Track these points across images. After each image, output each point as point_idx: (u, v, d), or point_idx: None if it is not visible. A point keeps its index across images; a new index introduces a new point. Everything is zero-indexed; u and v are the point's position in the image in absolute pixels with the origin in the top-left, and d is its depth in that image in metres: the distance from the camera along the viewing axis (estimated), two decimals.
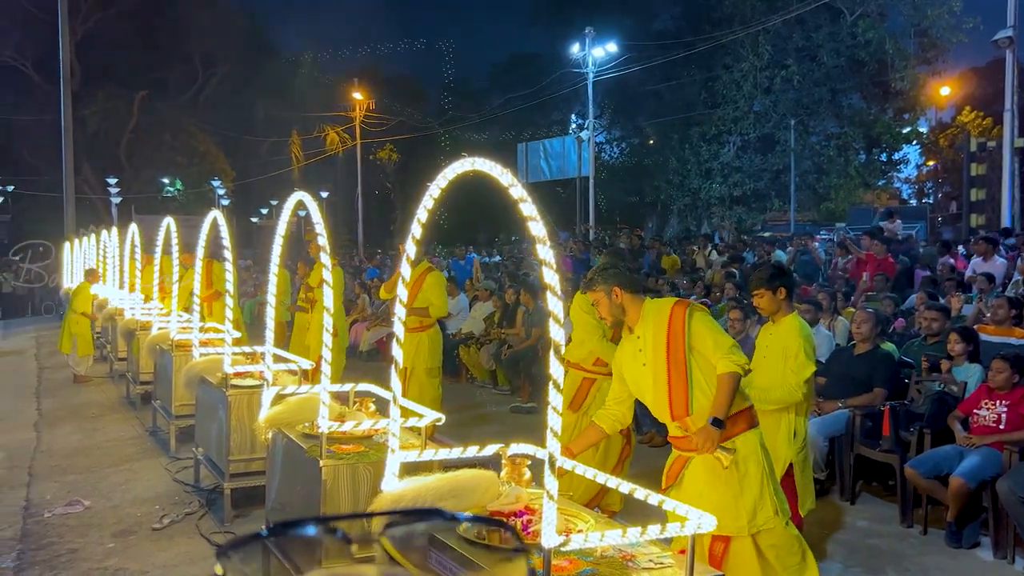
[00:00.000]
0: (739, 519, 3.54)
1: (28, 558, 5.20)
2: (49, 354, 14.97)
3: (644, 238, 23.14)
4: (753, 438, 3.59)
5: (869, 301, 8.57)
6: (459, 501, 2.96)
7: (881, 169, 31.07)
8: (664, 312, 3.59)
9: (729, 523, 3.53)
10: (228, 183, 38.16)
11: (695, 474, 3.60)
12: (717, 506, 3.51)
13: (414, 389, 7.20)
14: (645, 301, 3.70)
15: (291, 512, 4.35)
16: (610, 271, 3.74)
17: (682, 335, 3.52)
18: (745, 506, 3.53)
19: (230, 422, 5.58)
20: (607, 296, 3.68)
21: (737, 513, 3.53)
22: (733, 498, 3.53)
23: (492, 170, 2.54)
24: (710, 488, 3.54)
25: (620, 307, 3.67)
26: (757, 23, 26.93)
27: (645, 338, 3.62)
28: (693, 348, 3.53)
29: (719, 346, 3.49)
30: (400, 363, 3.25)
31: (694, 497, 3.56)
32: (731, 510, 3.52)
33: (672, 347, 3.53)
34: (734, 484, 3.52)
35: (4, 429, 9.04)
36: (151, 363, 8.72)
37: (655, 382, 3.59)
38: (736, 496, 3.53)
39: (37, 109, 34.14)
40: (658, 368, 3.56)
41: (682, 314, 3.54)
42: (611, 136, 38.77)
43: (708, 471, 3.55)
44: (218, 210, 6.84)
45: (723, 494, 3.52)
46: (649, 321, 3.62)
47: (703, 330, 3.53)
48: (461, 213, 34.32)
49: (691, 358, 3.54)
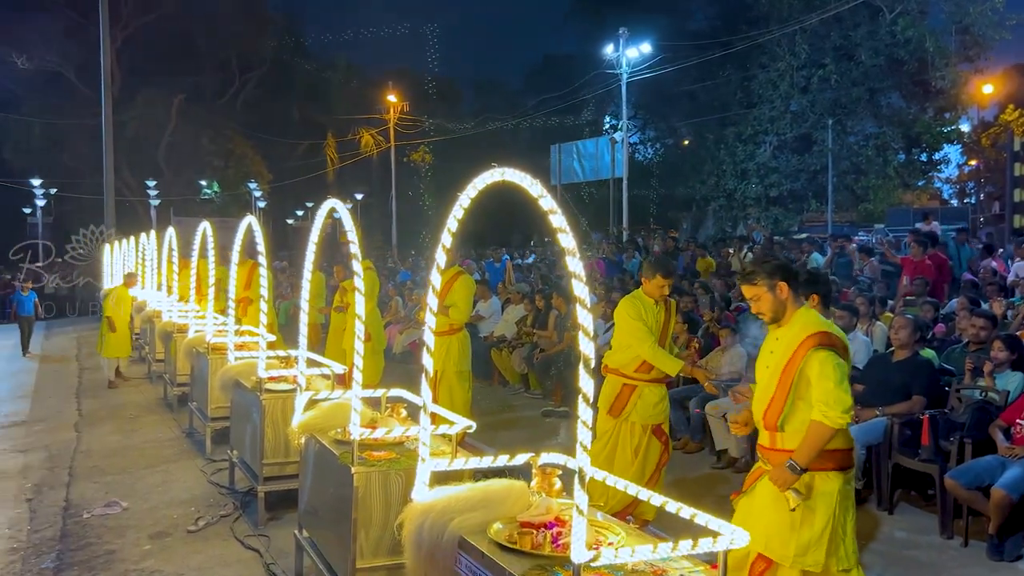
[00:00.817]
0: (786, 547, 3.49)
1: (67, 559, 5.30)
2: (89, 355, 15.25)
3: (678, 240, 22.98)
4: (834, 481, 3.50)
5: (908, 306, 8.41)
6: (490, 512, 2.95)
7: (921, 169, 30.55)
8: (804, 332, 3.51)
9: (776, 547, 3.51)
10: (264, 185, 38.58)
11: (765, 489, 3.60)
12: (772, 526, 3.52)
13: (444, 392, 7.21)
14: (800, 309, 3.61)
15: (323, 517, 4.37)
16: (774, 264, 3.60)
17: (797, 363, 3.47)
18: (798, 539, 3.47)
19: (264, 426, 5.63)
20: (770, 291, 3.55)
21: (787, 541, 3.49)
22: (789, 526, 3.48)
23: (522, 181, 2.52)
24: (772, 508, 3.53)
25: (783, 304, 3.56)
26: (794, 22, 26.62)
27: (780, 343, 3.58)
28: (805, 377, 3.48)
29: (823, 394, 3.40)
30: (429, 371, 3.24)
31: (756, 510, 3.61)
32: (783, 536, 3.49)
33: (790, 367, 3.50)
34: (795, 514, 3.47)
35: (46, 429, 9.23)
36: (188, 365, 8.84)
37: (766, 386, 3.59)
38: (793, 526, 3.48)
39: (79, 114, 34.83)
40: (774, 375, 3.56)
41: (809, 347, 3.46)
42: (645, 136, 38.58)
43: (775, 491, 3.53)
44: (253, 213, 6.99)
45: (781, 518, 3.49)
46: (792, 330, 3.56)
47: (815, 374, 3.44)
48: (494, 214, 34.37)
49: (797, 385, 3.49)
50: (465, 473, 3.66)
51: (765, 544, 3.53)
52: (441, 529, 2.92)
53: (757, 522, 3.56)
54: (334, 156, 43.05)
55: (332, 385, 5.65)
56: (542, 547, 2.69)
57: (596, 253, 17.97)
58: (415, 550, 2.99)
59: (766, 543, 3.53)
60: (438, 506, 3.00)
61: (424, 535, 2.96)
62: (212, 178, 37.92)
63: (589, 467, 2.36)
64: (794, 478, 3.41)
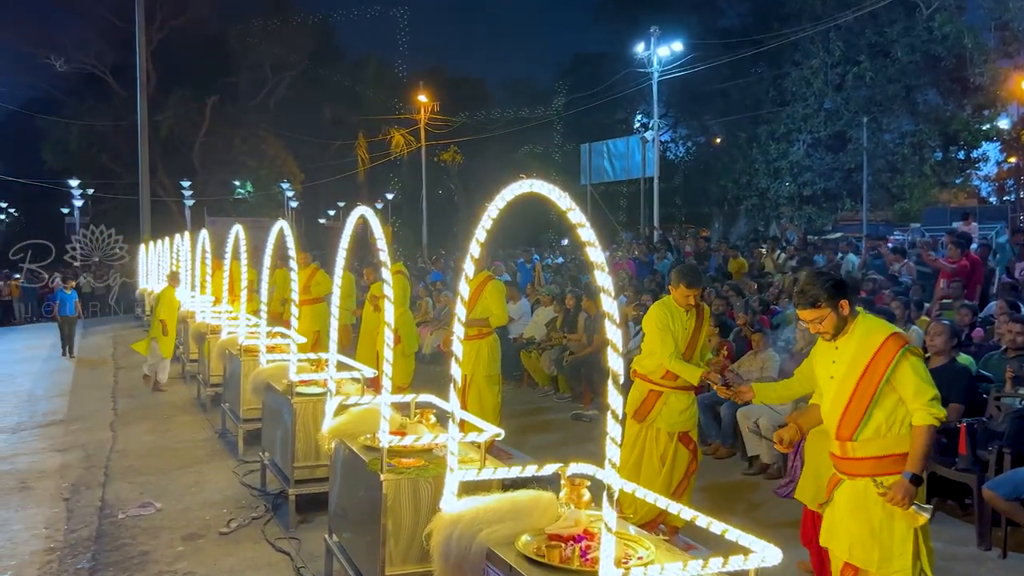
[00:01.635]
0: (870, 552, 3.48)
1: (103, 559, 5.37)
2: (124, 354, 15.48)
3: (710, 239, 22.80)
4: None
5: (944, 311, 8.26)
6: (518, 523, 2.93)
7: (958, 167, 30.00)
8: (875, 338, 3.48)
9: (860, 553, 3.51)
10: (296, 185, 38.94)
11: (844, 496, 3.60)
12: (853, 534, 3.53)
13: (473, 397, 7.21)
14: (859, 315, 3.59)
15: (353, 522, 4.39)
16: (832, 282, 3.55)
17: (884, 369, 3.43)
18: (881, 543, 3.46)
19: (295, 429, 5.67)
20: (834, 311, 3.53)
21: (870, 548, 3.48)
22: (871, 532, 3.48)
23: (551, 193, 2.51)
24: (852, 515, 3.54)
25: (845, 320, 3.55)
26: (828, 19, 26.27)
27: (844, 352, 3.55)
28: (890, 383, 3.45)
29: (920, 394, 3.39)
30: (458, 381, 3.22)
31: (838, 518, 3.61)
32: (866, 542, 3.49)
33: (868, 374, 3.46)
34: (875, 519, 3.47)
35: (83, 428, 9.38)
36: (221, 366, 8.93)
37: (836, 397, 3.56)
38: (874, 531, 3.47)
39: (115, 115, 35.46)
40: (845, 386, 3.52)
41: (894, 351, 3.43)
42: (676, 135, 38.32)
43: (855, 498, 3.54)
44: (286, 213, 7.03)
45: (862, 524, 3.50)
46: (855, 338, 3.53)
47: (911, 375, 3.42)
48: (525, 214, 34.37)
49: (881, 393, 3.46)
50: (493, 482, 3.65)
51: (849, 552, 3.56)
52: (469, 540, 2.91)
53: (840, 530, 3.60)
54: (365, 156, 43.33)
55: (362, 389, 5.67)
56: (570, 561, 2.68)
57: (626, 254, 17.88)
58: (443, 561, 2.99)
59: (850, 550, 3.55)
60: (466, 517, 2.99)
61: (452, 546, 2.96)
62: (245, 178, 38.36)
63: (618, 481, 2.34)
64: (915, 489, 3.39)
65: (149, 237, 22.75)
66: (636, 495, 3.14)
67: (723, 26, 33.21)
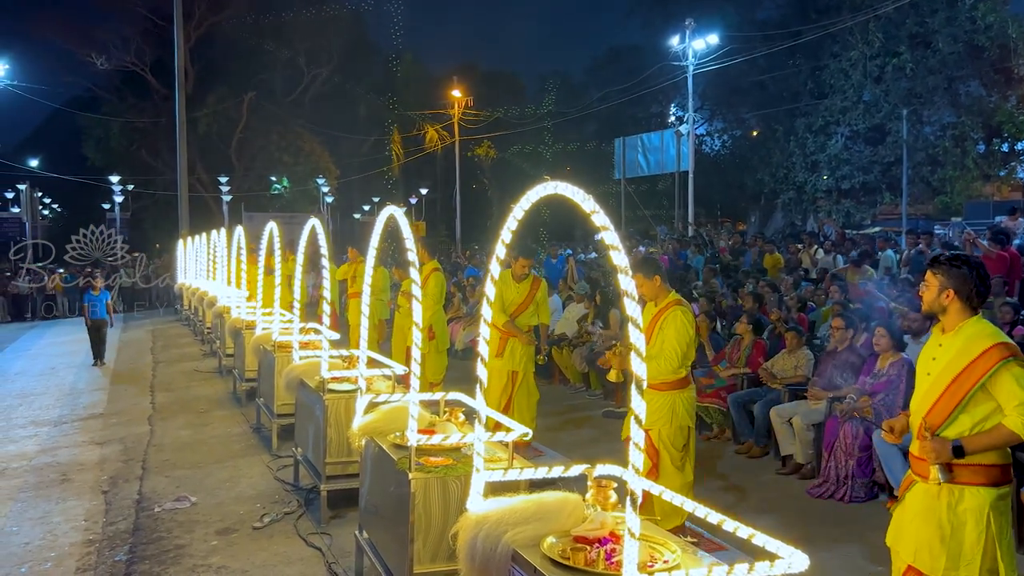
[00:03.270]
0: (937, 560, 3.41)
1: (139, 552, 5.47)
2: (162, 348, 15.74)
3: (745, 234, 22.57)
4: (985, 496, 3.37)
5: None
6: (543, 525, 2.93)
7: (1002, 160, 29.35)
8: (981, 343, 3.40)
9: (926, 559, 3.44)
10: (332, 181, 39.25)
11: (914, 498, 3.54)
12: (921, 538, 3.46)
13: (522, 395, 7.27)
14: (972, 319, 3.49)
15: (382, 520, 4.42)
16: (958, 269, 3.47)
17: (982, 374, 3.35)
18: (950, 551, 3.38)
19: (327, 426, 5.72)
20: (938, 290, 3.48)
21: (937, 554, 3.41)
22: (940, 538, 3.40)
23: (575, 195, 2.50)
24: (920, 518, 3.47)
25: (944, 308, 3.50)
26: (867, 9, 25.82)
27: (947, 350, 3.48)
28: (985, 389, 3.37)
29: (1022, 404, 3.30)
30: (484, 382, 3.23)
31: (906, 519, 3.55)
32: (933, 548, 3.41)
33: (964, 376, 3.39)
34: (945, 526, 3.39)
35: (122, 422, 9.56)
36: (255, 362, 9.04)
37: (927, 393, 3.50)
38: (943, 538, 3.40)
39: (155, 112, 36.03)
40: (939, 383, 3.46)
41: (997, 358, 3.34)
42: (712, 128, 37.96)
43: (925, 502, 3.47)
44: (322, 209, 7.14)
45: (932, 529, 3.42)
46: (961, 338, 3.46)
47: (1012, 384, 3.32)
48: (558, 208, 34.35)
49: (973, 397, 3.38)
50: (521, 482, 3.65)
51: (915, 556, 3.48)
52: (495, 541, 2.92)
53: (907, 533, 3.53)
54: (399, 151, 43.54)
55: (393, 386, 5.71)
56: (595, 564, 2.67)
57: (660, 249, 17.76)
58: (469, 561, 3.00)
59: (915, 554, 3.48)
60: (492, 517, 3.00)
61: (478, 547, 2.97)
62: (281, 174, 38.75)
63: (644, 484, 2.33)
64: (949, 455, 3.33)
65: (188, 232, 23.09)
66: (662, 496, 3.12)
67: (761, 18, 32.83)
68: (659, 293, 5.28)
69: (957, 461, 3.35)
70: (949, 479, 3.37)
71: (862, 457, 6.21)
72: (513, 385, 7.29)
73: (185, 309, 19.45)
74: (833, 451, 6.38)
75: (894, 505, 3.73)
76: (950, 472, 3.37)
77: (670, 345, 5.10)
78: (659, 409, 5.19)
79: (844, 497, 6.20)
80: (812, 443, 6.75)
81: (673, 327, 5.12)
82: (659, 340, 5.17)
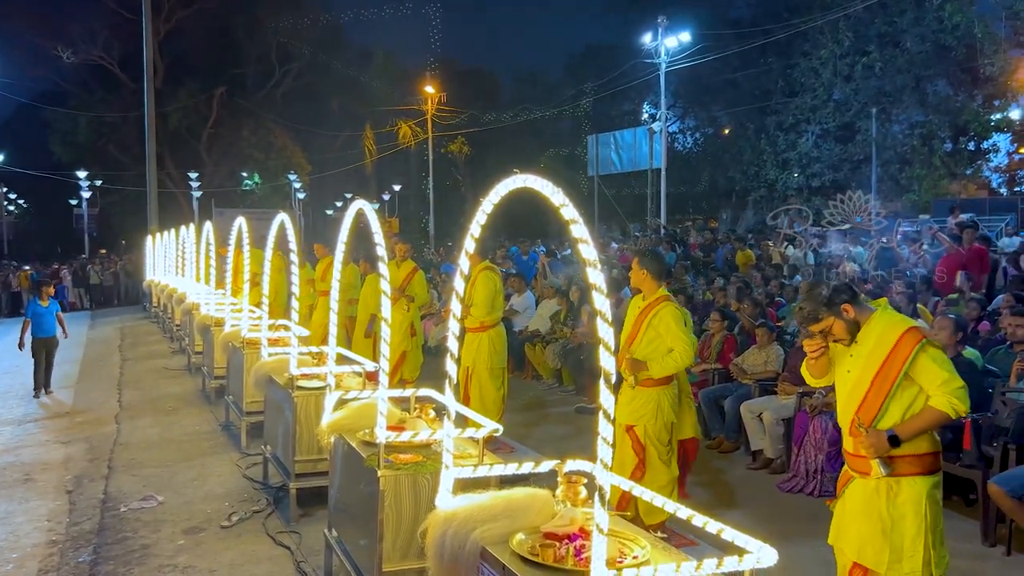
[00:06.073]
0: (880, 554, 3.44)
1: (104, 552, 5.37)
2: (131, 345, 15.53)
3: (717, 231, 22.71)
4: (922, 485, 3.43)
5: (950, 305, 8.19)
6: (513, 522, 2.90)
7: (968, 158, 29.80)
8: (893, 333, 3.44)
9: (870, 554, 3.47)
10: (304, 177, 38.96)
11: (854, 494, 3.57)
12: (863, 533, 3.48)
13: (475, 390, 7.19)
14: (876, 312, 3.54)
15: (351, 518, 4.38)
16: (824, 293, 3.52)
17: (902, 364, 3.40)
18: (892, 544, 3.42)
19: (296, 423, 5.66)
20: (839, 317, 3.52)
21: (880, 548, 3.44)
22: (882, 532, 3.44)
23: (544, 188, 2.47)
24: (861, 514, 3.50)
25: (855, 322, 3.52)
26: (837, 9, 26.08)
27: (862, 347, 3.51)
28: (908, 376, 3.42)
29: (945, 383, 3.35)
30: (453, 377, 3.19)
31: (847, 517, 3.58)
32: (876, 542, 3.45)
33: (885, 368, 3.43)
34: (885, 519, 3.43)
35: (88, 421, 9.40)
36: (224, 359, 8.94)
37: (852, 391, 3.53)
38: (885, 532, 3.43)
39: (123, 106, 35.49)
40: (862, 381, 3.49)
41: (911, 345, 3.39)
42: (684, 126, 38.16)
43: (864, 497, 3.50)
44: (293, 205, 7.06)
45: (873, 524, 3.46)
46: (873, 334, 3.49)
47: (931, 365, 3.38)
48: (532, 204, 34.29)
49: (899, 387, 3.42)
50: (491, 478, 3.62)
51: (859, 552, 3.51)
52: (463, 539, 2.89)
53: (849, 529, 3.55)
54: (372, 147, 43.31)
55: (363, 383, 5.65)
56: (564, 560, 2.65)
57: (633, 246, 17.81)
58: (437, 559, 2.96)
59: (859, 551, 3.51)
60: (460, 514, 2.97)
61: (446, 544, 2.93)
62: (253, 170, 38.39)
63: (609, 480, 2.31)
64: (886, 447, 3.38)
65: (157, 228, 22.78)
66: (633, 493, 3.11)
67: (733, 16, 33.05)
68: (650, 287, 5.29)
69: (895, 452, 3.41)
70: (891, 471, 3.41)
71: (831, 451, 6.25)
72: (467, 380, 7.26)
73: (154, 306, 19.20)
74: (802, 446, 6.42)
75: (833, 503, 3.75)
76: (891, 464, 3.41)
77: (681, 339, 5.09)
78: (645, 405, 5.22)
79: (814, 491, 6.23)
80: (782, 438, 6.79)
81: (674, 320, 5.13)
82: (648, 336, 5.19)
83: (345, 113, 41.29)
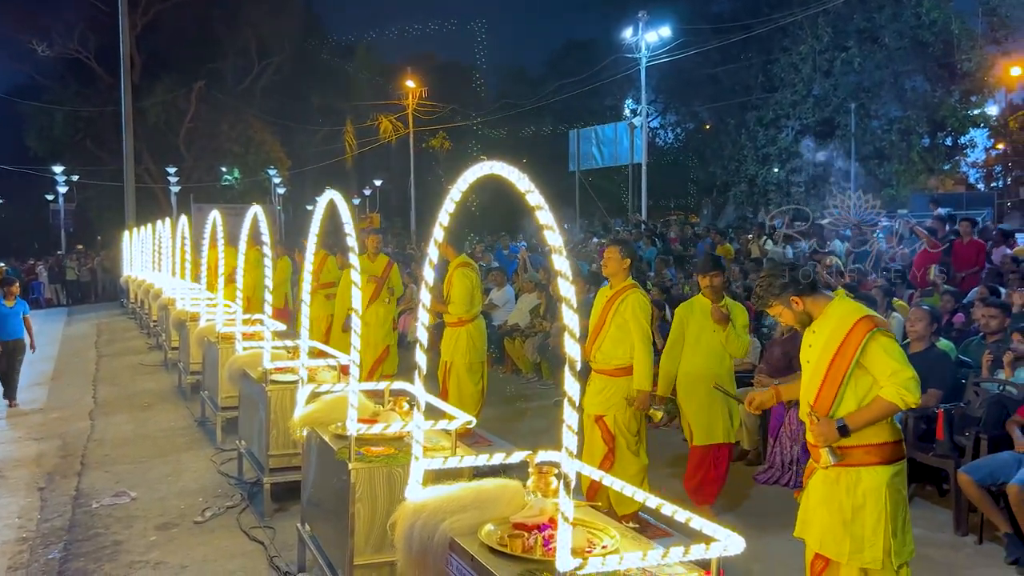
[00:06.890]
0: (841, 544, 3.46)
1: (74, 549, 5.31)
2: (107, 341, 15.37)
3: (698, 226, 22.76)
4: (882, 474, 3.43)
5: (924, 297, 8.25)
6: (482, 512, 2.89)
7: (946, 154, 30.04)
8: (847, 321, 3.48)
9: (831, 545, 3.48)
10: (284, 172, 38.69)
11: (816, 486, 3.58)
12: (824, 524, 3.50)
13: (453, 384, 7.16)
14: (832, 301, 3.59)
15: (323, 511, 4.34)
16: (777, 283, 3.59)
17: (853, 351, 3.42)
18: (853, 534, 3.43)
19: (269, 418, 5.61)
20: (788, 307, 3.60)
21: (840, 539, 3.46)
22: (842, 523, 3.45)
23: (510, 175, 2.45)
24: (823, 505, 3.52)
25: (805, 313, 3.59)
26: (817, 5, 26.19)
27: (819, 336, 3.55)
28: (860, 365, 3.43)
29: (895, 374, 3.37)
30: (423, 369, 3.17)
31: (810, 507, 3.60)
32: (836, 533, 3.46)
33: (839, 356, 3.46)
34: (846, 510, 3.45)
35: (62, 417, 9.30)
36: (200, 354, 8.86)
37: (810, 380, 3.57)
38: (846, 522, 3.45)
39: (100, 100, 35.08)
40: (819, 368, 3.52)
41: (863, 333, 3.42)
42: (665, 121, 38.23)
43: (825, 488, 3.52)
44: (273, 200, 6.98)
45: (833, 515, 3.47)
46: (829, 322, 3.53)
47: (882, 355, 3.40)
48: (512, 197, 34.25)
49: (851, 374, 3.44)
50: (465, 471, 3.60)
51: (820, 543, 3.53)
52: (432, 530, 2.87)
53: (811, 521, 3.57)
54: (353, 142, 43.10)
55: (337, 377, 5.61)
56: (533, 551, 2.63)
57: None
58: (406, 551, 2.94)
59: (821, 541, 3.53)
60: (430, 506, 2.95)
61: (415, 535, 2.91)
62: (232, 164, 38.06)
63: (575, 469, 2.29)
64: (835, 436, 3.40)
65: (134, 224, 22.55)
66: (604, 483, 3.10)
67: (713, 11, 33.10)
68: (621, 276, 5.32)
69: (847, 442, 3.42)
70: (839, 460, 3.42)
71: (807, 443, 6.27)
72: (446, 374, 7.25)
73: (131, 302, 19.01)
74: (778, 437, 6.44)
75: (800, 495, 3.77)
76: (840, 454, 3.42)
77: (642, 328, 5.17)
78: (614, 395, 5.22)
79: (789, 483, 6.26)
80: (758, 429, 6.81)
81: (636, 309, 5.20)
82: (616, 323, 5.23)
83: (325, 108, 41.02)
